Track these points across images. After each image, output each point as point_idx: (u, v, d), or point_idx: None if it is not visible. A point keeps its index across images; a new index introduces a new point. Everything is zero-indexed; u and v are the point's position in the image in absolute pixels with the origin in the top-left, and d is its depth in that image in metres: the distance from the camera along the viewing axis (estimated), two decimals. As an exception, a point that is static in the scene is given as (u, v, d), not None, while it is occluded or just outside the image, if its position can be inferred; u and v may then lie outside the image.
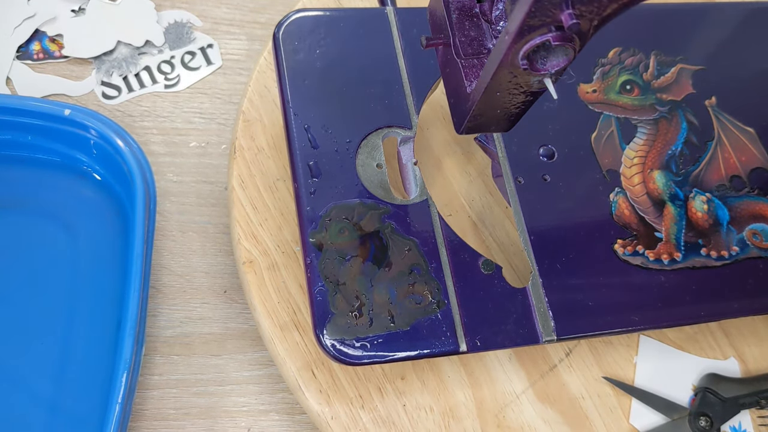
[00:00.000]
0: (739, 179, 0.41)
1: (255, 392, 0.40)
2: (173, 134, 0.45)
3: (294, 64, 0.37)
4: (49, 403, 0.35)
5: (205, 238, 0.42)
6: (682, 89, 0.42)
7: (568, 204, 0.37)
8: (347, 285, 0.33)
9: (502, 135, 0.38)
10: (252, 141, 0.41)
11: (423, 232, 0.35)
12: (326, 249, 0.33)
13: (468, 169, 0.42)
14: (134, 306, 0.34)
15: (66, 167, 0.41)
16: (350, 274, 0.33)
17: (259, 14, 0.49)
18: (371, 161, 0.36)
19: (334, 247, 0.33)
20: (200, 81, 0.46)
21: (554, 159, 0.38)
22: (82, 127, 0.39)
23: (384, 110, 0.37)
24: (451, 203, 0.41)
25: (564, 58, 0.24)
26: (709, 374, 0.41)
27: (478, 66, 0.28)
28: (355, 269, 0.33)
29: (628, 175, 0.39)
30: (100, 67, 0.45)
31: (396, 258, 0.34)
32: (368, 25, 0.39)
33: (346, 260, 0.33)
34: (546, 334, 0.34)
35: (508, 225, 0.41)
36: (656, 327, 0.36)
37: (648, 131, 0.40)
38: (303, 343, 0.37)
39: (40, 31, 0.45)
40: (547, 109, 0.39)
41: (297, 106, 0.36)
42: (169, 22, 0.47)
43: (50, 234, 0.39)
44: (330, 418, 0.35)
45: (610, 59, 0.42)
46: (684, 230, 0.38)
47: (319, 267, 0.33)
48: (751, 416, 0.41)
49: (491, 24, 0.28)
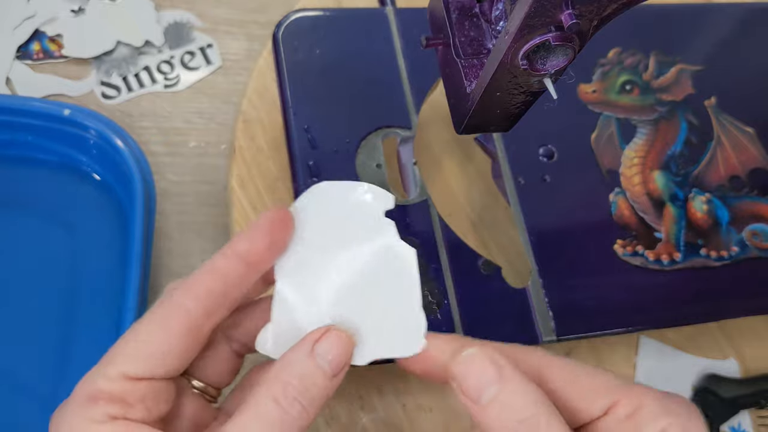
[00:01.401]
0: (738, 179, 0.41)
1: (255, 392, 0.40)
2: (173, 134, 0.45)
3: (294, 64, 0.37)
4: (48, 404, 0.35)
5: (204, 238, 0.42)
6: (681, 89, 0.42)
7: (568, 204, 0.37)
8: (347, 285, 0.33)
9: (502, 135, 0.38)
10: (251, 141, 0.41)
11: (423, 233, 0.35)
12: (326, 249, 0.33)
13: (468, 169, 0.42)
14: (133, 306, 0.34)
15: (66, 167, 0.41)
16: (350, 274, 0.33)
17: (259, 14, 0.49)
18: (371, 161, 0.36)
19: (334, 247, 0.33)
20: (200, 81, 0.46)
21: (554, 159, 0.38)
22: (81, 127, 0.39)
23: (384, 110, 0.37)
24: (450, 203, 0.41)
25: (564, 58, 0.24)
26: (708, 374, 0.41)
27: (478, 66, 0.28)
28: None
29: (628, 175, 0.39)
30: (99, 67, 0.45)
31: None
32: (368, 25, 0.39)
33: (345, 260, 0.33)
34: (546, 334, 0.34)
35: (508, 225, 0.41)
36: (656, 327, 0.37)
37: (648, 131, 0.40)
38: (303, 343, 0.37)
39: (40, 31, 0.45)
40: (547, 109, 0.39)
41: (297, 106, 0.36)
42: (168, 22, 0.47)
43: (50, 234, 0.39)
44: (330, 419, 0.35)
45: (610, 59, 0.42)
46: (684, 230, 0.38)
47: (319, 267, 0.33)
48: (751, 416, 0.41)
49: (491, 24, 0.28)
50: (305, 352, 0.23)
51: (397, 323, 0.25)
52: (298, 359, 0.23)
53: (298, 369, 0.23)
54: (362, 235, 0.25)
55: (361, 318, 0.25)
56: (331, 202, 0.25)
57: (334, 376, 0.23)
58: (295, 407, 0.22)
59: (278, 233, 0.25)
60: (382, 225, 0.25)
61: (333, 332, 0.24)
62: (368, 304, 0.25)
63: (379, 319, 0.25)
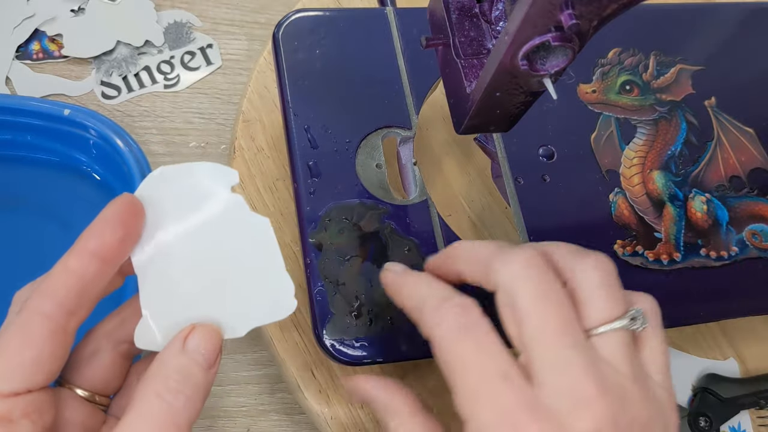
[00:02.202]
0: (738, 179, 0.41)
1: (254, 392, 0.40)
2: (173, 134, 0.45)
3: (294, 64, 0.37)
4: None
5: (204, 238, 0.42)
6: (681, 89, 0.42)
7: (567, 204, 0.37)
8: (347, 285, 0.33)
9: (501, 135, 0.38)
10: (251, 141, 0.41)
11: (423, 233, 0.35)
12: (326, 249, 0.33)
13: (468, 169, 0.42)
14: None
15: (65, 167, 0.41)
16: (350, 274, 0.33)
17: (259, 14, 0.49)
18: (371, 161, 0.36)
19: (334, 247, 0.33)
20: (200, 81, 0.46)
21: (554, 159, 0.38)
22: (81, 127, 0.39)
23: (384, 110, 0.37)
24: (450, 203, 0.41)
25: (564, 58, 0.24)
26: (708, 374, 0.41)
27: (477, 66, 0.28)
28: (354, 269, 0.33)
29: (628, 175, 0.39)
30: (99, 67, 0.45)
31: (395, 258, 0.34)
32: (368, 25, 0.39)
33: (345, 260, 0.33)
34: (545, 334, 0.34)
35: (508, 225, 0.41)
36: (656, 327, 0.36)
37: (647, 131, 0.40)
38: (302, 343, 0.37)
39: (40, 30, 0.45)
40: (547, 109, 0.39)
41: (297, 106, 0.36)
42: (168, 22, 0.47)
43: (50, 234, 0.39)
44: (329, 418, 0.35)
45: (610, 59, 0.42)
46: (683, 230, 0.38)
47: (319, 267, 0.33)
48: (751, 416, 0.41)
49: (491, 24, 0.28)
50: (177, 350, 0.24)
51: (266, 290, 0.25)
52: (173, 356, 0.23)
53: (174, 364, 0.23)
54: (213, 214, 0.25)
55: (230, 293, 0.25)
56: (175, 186, 0.25)
57: (210, 367, 0.24)
58: (180, 399, 0.23)
59: (130, 224, 0.24)
60: (230, 201, 0.25)
61: (198, 327, 0.24)
62: (234, 278, 0.25)
63: (248, 290, 0.25)
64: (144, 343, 0.25)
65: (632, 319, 0.25)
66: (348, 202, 0.34)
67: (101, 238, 0.23)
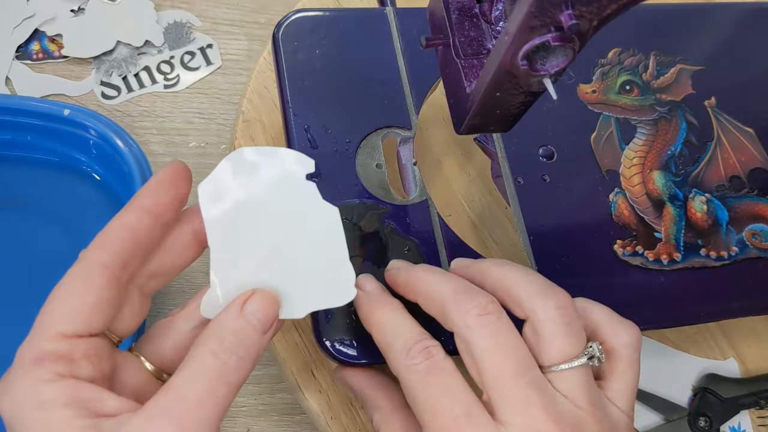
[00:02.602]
0: (738, 179, 0.41)
1: (254, 392, 0.40)
2: (173, 134, 0.45)
3: (294, 64, 0.37)
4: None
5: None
6: (681, 89, 0.42)
7: (567, 204, 0.37)
8: (347, 285, 0.33)
9: (501, 135, 0.38)
10: (251, 141, 0.41)
11: (422, 233, 0.35)
12: (326, 249, 0.33)
13: (468, 169, 0.42)
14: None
15: (65, 167, 0.41)
16: (350, 274, 0.33)
17: (259, 14, 0.49)
18: (371, 161, 0.36)
19: (334, 247, 0.33)
20: (200, 81, 0.46)
21: (554, 159, 0.38)
22: (81, 127, 0.39)
23: (384, 110, 0.37)
24: (450, 203, 0.41)
25: (564, 58, 0.24)
26: (708, 374, 0.41)
27: (477, 66, 0.28)
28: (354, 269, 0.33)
29: (628, 175, 0.39)
30: (99, 67, 0.45)
31: (395, 258, 0.33)
32: (368, 25, 0.39)
33: (345, 260, 0.33)
34: (545, 334, 0.34)
35: (508, 225, 0.41)
36: (656, 327, 0.36)
37: (647, 131, 0.40)
38: (302, 343, 0.37)
39: (40, 30, 0.45)
40: (546, 109, 0.39)
41: (297, 107, 0.36)
42: (168, 22, 0.47)
43: (50, 234, 0.39)
44: (329, 419, 0.35)
45: (610, 59, 0.42)
46: (683, 230, 0.38)
47: (319, 267, 0.33)
48: (751, 416, 0.41)
49: (491, 24, 0.28)
50: (235, 313, 0.24)
51: (328, 277, 0.27)
52: (230, 318, 0.24)
53: (231, 326, 0.24)
54: (287, 198, 0.26)
55: (295, 274, 0.26)
56: (254, 167, 0.26)
57: (265, 332, 0.25)
58: (233, 358, 0.23)
59: (180, 186, 0.26)
60: (305, 187, 0.27)
61: (258, 293, 0.25)
62: (299, 261, 0.26)
63: (311, 274, 0.26)
64: (209, 312, 0.25)
65: (590, 357, 0.26)
66: (348, 202, 0.34)
67: (156, 197, 0.25)
